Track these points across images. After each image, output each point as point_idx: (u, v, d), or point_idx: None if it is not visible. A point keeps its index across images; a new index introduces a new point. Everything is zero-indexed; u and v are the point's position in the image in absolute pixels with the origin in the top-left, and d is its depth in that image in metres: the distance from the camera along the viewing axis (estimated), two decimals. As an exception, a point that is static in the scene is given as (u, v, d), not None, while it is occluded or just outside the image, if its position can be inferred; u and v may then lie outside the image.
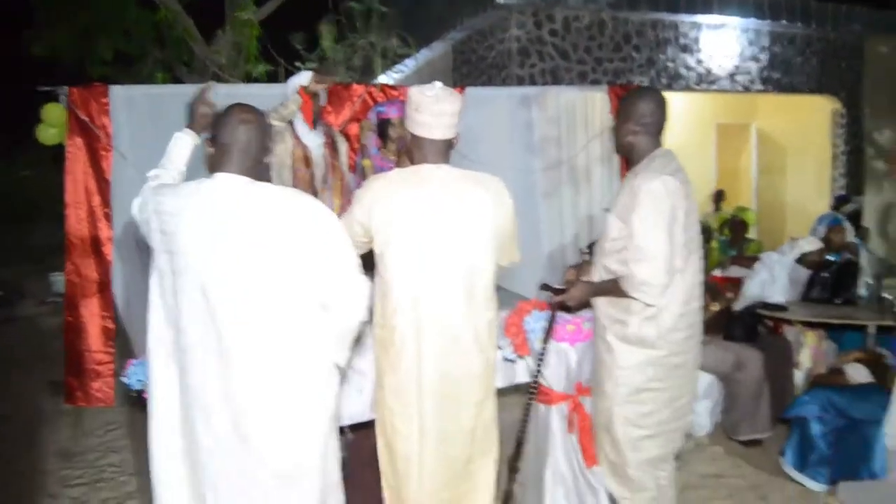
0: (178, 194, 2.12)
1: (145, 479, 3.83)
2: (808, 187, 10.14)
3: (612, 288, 2.53)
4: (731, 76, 8.88)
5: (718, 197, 8.85)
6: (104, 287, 5.06)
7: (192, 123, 2.53)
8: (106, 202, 5.02)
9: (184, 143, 2.51)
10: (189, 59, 10.23)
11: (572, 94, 6.11)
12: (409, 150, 2.51)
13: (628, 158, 2.69)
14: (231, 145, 2.12)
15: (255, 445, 2.05)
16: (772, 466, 3.86)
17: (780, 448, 3.85)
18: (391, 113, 4.26)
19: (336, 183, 4.27)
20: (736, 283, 4.96)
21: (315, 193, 4.15)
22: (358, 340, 2.30)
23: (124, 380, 2.82)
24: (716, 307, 4.28)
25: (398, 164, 4.16)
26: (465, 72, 8.59)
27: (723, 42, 8.80)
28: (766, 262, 4.96)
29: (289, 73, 7.57)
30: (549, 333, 2.89)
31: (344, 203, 4.34)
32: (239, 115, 2.14)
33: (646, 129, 2.59)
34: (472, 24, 8.15)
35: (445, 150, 2.46)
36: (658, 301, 2.44)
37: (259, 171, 2.18)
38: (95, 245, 5.06)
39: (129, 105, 5.04)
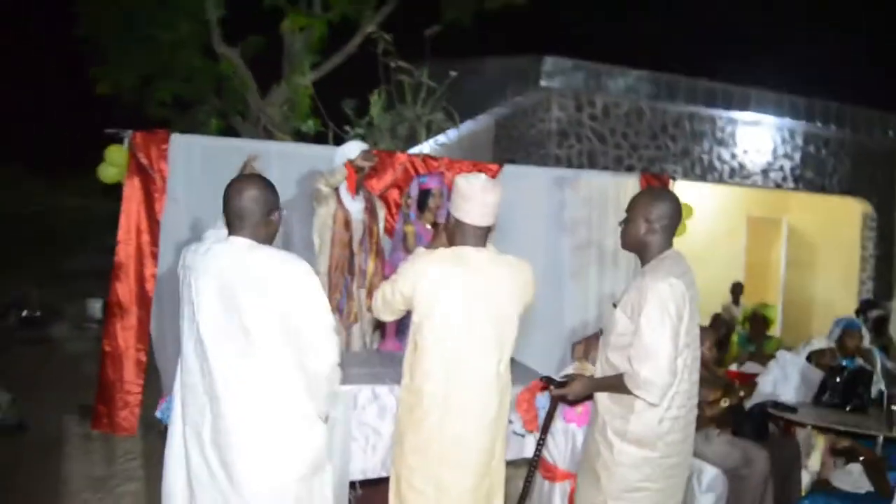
0: (197, 252, 2.42)
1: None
2: (837, 285, 10.18)
3: (614, 384, 2.57)
4: (765, 172, 9.08)
5: (737, 289, 8.92)
6: (143, 321, 5.32)
7: None
8: (154, 241, 5.32)
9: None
10: (244, 109, 10.71)
11: (605, 179, 6.35)
12: (452, 233, 2.72)
13: (639, 255, 2.74)
14: (234, 213, 2.40)
15: (237, 480, 2.28)
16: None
17: (779, 547, 3.88)
18: (432, 184, 4.57)
19: (372, 245, 4.54)
20: (750, 380, 5.02)
21: (352, 254, 4.43)
22: (333, 395, 2.48)
23: (158, 414, 3.02)
24: (726, 402, 4.35)
25: (433, 238, 4.41)
26: (504, 146, 8.90)
27: (758, 138, 9.04)
28: (780, 361, 5.03)
29: (337, 135, 7.95)
30: (548, 422, 3.03)
31: (378, 264, 4.60)
32: (237, 187, 2.42)
33: (662, 230, 2.64)
34: (517, 102, 8.49)
35: (485, 235, 2.70)
36: (660, 401, 2.48)
37: (266, 231, 2.44)
38: (139, 281, 5.33)
39: (186, 153, 5.37)
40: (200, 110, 11.28)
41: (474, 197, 2.63)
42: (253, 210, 2.39)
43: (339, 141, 7.47)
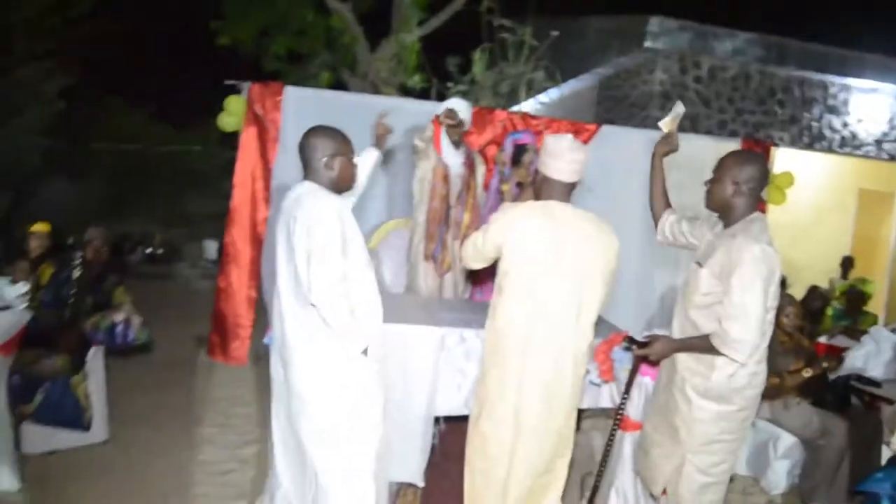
0: (286, 196, 2.80)
1: (265, 429, 4.44)
2: (951, 266, 9.69)
3: (698, 345, 2.68)
4: (879, 143, 8.68)
5: (847, 263, 8.62)
6: (254, 261, 5.76)
7: (375, 143, 3.45)
8: (267, 187, 5.72)
9: (368, 157, 3.38)
10: (353, 63, 11.03)
11: (704, 143, 6.30)
12: (539, 188, 2.91)
13: (722, 216, 2.81)
14: (301, 160, 2.80)
15: (292, 388, 2.71)
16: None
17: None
18: (527, 139, 4.73)
19: (469, 200, 4.76)
20: (837, 353, 4.96)
21: (448, 207, 4.66)
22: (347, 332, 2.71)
23: (266, 341, 3.35)
24: (808, 373, 4.36)
25: (521, 195, 4.59)
26: (606, 107, 8.87)
27: (873, 107, 8.63)
28: (874, 336, 4.96)
29: (440, 91, 8.15)
30: (631, 380, 3.18)
31: (473, 218, 4.82)
32: (303, 136, 2.79)
33: (749, 192, 2.68)
34: (620, 63, 8.42)
35: (570, 192, 2.88)
36: (747, 359, 2.57)
37: (327, 176, 2.76)
38: (252, 224, 5.76)
39: (298, 104, 5.70)
40: (312, 63, 11.65)
41: (562, 155, 2.80)
42: (310, 156, 2.76)
43: (441, 97, 7.67)
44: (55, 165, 13.39)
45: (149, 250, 12.19)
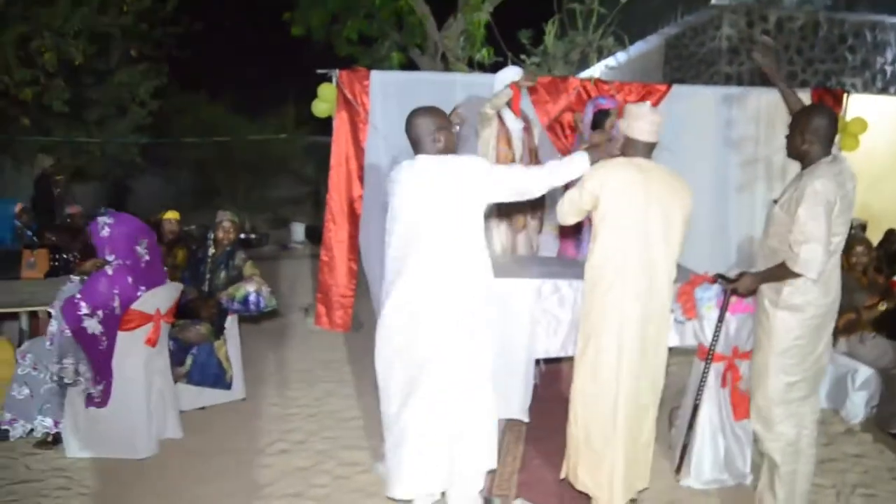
0: (398, 169, 3.23)
1: (366, 384, 4.97)
2: None
3: (777, 272, 3.14)
4: (956, 82, 8.57)
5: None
6: (353, 236, 6.28)
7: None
8: (360, 166, 6.20)
9: None
10: (422, 42, 11.40)
11: (774, 96, 6.45)
12: (625, 148, 3.30)
13: (801, 163, 3.25)
14: (411, 139, 3.23)
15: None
16: (918, 456, 4.22)
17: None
18: (609, 104, 5.05)
19: (531, 160, 5.10)
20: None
21: None
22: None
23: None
24: (883, 307, 4.61)
25: (607, 148, 4.94)
26: (675, 66, 9.01)
27: (950, 46, 8.51)
28: None
29: (514, 63, 8.46)
30: (723, 313, 3.56)
31: None
32: (411, 119, 3.23)
33: (819, 140, 3.13)
34: (686, 21, 8.55)
35: (650, 150, 3.29)
36: (818, 276, 3.03)
37: (436, 147, 3.19)
38: (349, 200, 6.26)
39: (383, 87, 6.16)
40: (383, 45, 12.08)
41: (644, 117, 3.22)
42: (419, 133, 3.19)
43: (515, 70, 7.99)
44: (152, 160, 14.28)
45: (241, 235, 12.89)
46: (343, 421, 4.52)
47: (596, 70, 8.79)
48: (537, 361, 4.49)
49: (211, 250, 4.84)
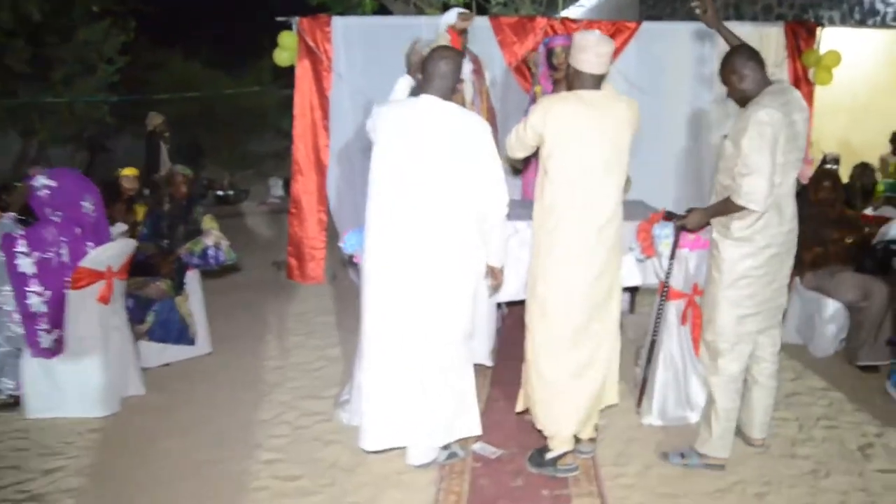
0: (395, 105, 3.17)
1: (345, 333, 4.93)
2: None
3: (724, 206, 3.07)
4: (935, 12, 8.39)
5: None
6: (321, 186, 6.19)
7: (408, 70, 3.70)
8: (325, 115, 6.09)
9: (404, 84, 3.67)
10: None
11: (747, 30, 6.31)
12: (572, 80, 3.18)
13: (744, 103, 3.09)
14: (433, 74, 3.07)
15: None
16: (879, 388, 4.20)
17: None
18: (556, 42, 4.96)
19: (483, 104, 4.99)
20: (881, 222, 5.07)
21: None
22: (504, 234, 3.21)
23: (341, 244, 3.77)
24: (849, 240, 4.56)
25: (555, 88, 4.84)
26: (651, 3, 8.82)
27: (928, -25, 8.30)
28: None
29: (480, 6, 8.26)
30: (674, 249, 3.52)
31: (490, 120, 5.01)
32: (444, 55, 3.09)
33: (751, 73, 3.03)
34: (661, -43, 8.35)
35: (599, 82, 3.14)
36: (763, 208, 2.97)
37: (453, 98, 3.09)
38: (315, 150, 6.16)
39: (346, 33, 6.01)
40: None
41: (589, 48, 3.06)
42: (447, 75, 3.08)
43: (481, 11, 7.81)
44: (124, 120, 14.01)
45: (219, 193, 12.74)
46: (308, 372, 4.49)
47: (570, 12, 8.59)
48: (499, 305, 4.47)
49: (167, 205, 4.74)
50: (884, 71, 8.92)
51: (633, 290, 5.04)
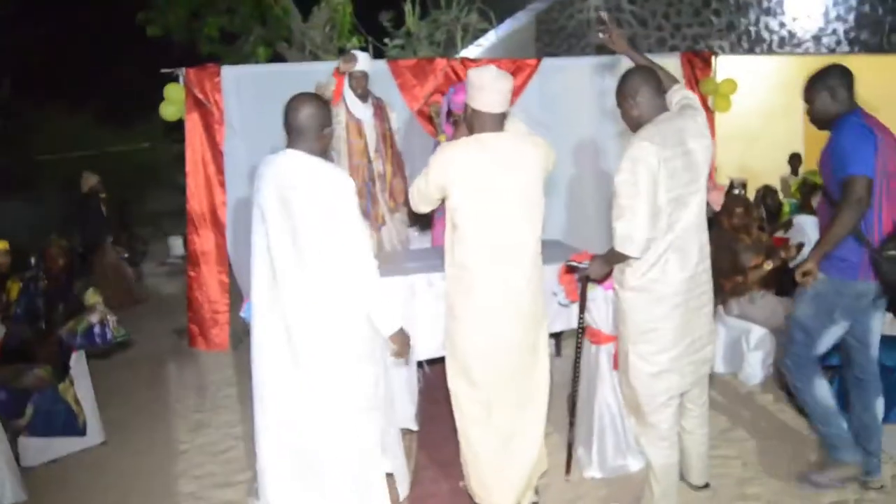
0: (264, 163, 2.74)
1: (245, 407, 4.51)
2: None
3: (611, 255, 2.78)
4: (816, 38, 8.78)
5: (795, 160, 8.80)
6: (220, 245, 5.80)
7: None
8: (220, 170, 5.73)
9: None
10: (288, 35, 10.88)
11: (645, 63, 6.35)
12: (471, 123, 2.90)
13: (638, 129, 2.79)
14: (293, 128, 2.70)
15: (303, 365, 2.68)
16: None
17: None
18: (456, 104, 4.65)
19: (387, 149, 4.76)
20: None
21: (369, 160, 4.65)
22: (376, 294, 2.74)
23: (242, 314, 3.40)
24: (769, 265, 4.52)
25: (455, 132, 4.62)
26: (546, 42, 8.85)
27: (807, 3, 8.71)
28: (798, 224, 5.10)
29: (377, 49, 8.07)
30: (583, 301, 3.27)
31: (395, 169, 4.80)
32: (295, 105, 2.69)
33: (642, 102, 2.75)
34: (554, -6, 8.41)
35: (501, 121, 2.88)
36: (640, 254, 2.66)
37: (319, 145, 2.73)
38: (212, 208, 5.79)
39: (237, 82, 5.69)
40: (247, 41, 11.49)
41: (487, 86, 2.79)
42: (309, 126, 2.68)
43: (379, 55, 7.63)
44: (6, 184, 13.10)
45: (128, 254, 11.96)
46: (216, 455, 4.05)
47: (467, 52, 8.53)
48: (420, 364, 4.18)
49: (42, 282, 4.25)
50: (775, 95, 9.28)
51: (557, 334, 4.84)
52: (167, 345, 6.42)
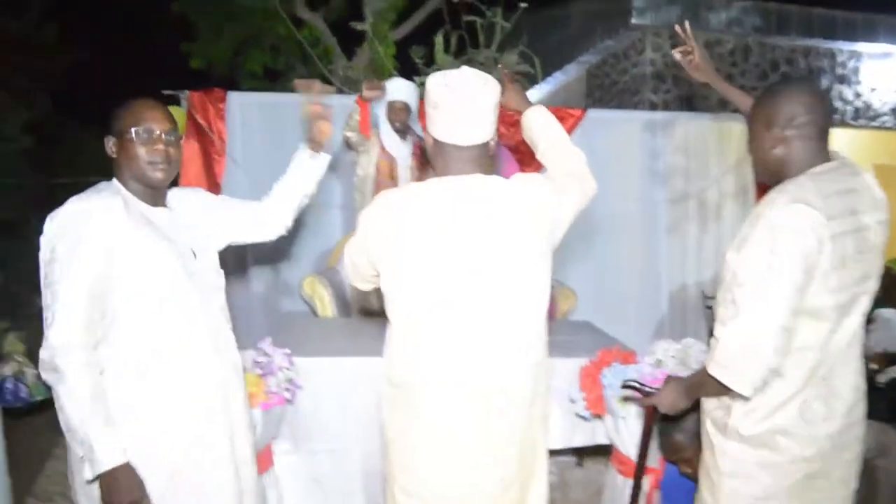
0: None
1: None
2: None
3: (701, 385, 1.82)
4: (895, 112, 8.06)
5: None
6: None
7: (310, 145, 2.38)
8: (215, 206, 5.12)
9: (320, 162, 2.38)
10: (331, 74, 10.56)
11: (705, 123, 5.64)
12: (434, 159, 1.88)
13: (777, 181, 1.81)
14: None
15: None
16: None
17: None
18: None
19: None
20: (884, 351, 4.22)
21: None
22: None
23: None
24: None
25: (420, 177, 3.94)
26: (597, 97, 8.29)
27: (887, 73, 8.08)
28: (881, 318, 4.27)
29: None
30: (646, 440, 2.34)
31: None
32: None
33: (800, 135, 1.75)
34: (607, 46, 7.86)
35: (478, 158, 1.82)
36: (753, 392, 1.67)
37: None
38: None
39: (243, 111, 5.12)
40: (289, 79, 11.24)
41: (449, 102, 1.76)
42: None
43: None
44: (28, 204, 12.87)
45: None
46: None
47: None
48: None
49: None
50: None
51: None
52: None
